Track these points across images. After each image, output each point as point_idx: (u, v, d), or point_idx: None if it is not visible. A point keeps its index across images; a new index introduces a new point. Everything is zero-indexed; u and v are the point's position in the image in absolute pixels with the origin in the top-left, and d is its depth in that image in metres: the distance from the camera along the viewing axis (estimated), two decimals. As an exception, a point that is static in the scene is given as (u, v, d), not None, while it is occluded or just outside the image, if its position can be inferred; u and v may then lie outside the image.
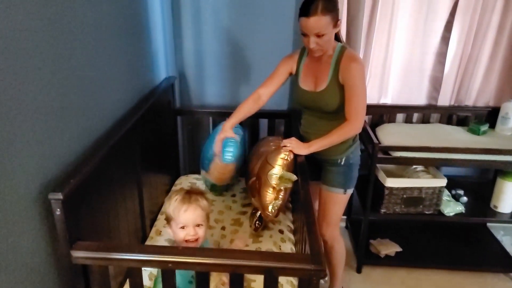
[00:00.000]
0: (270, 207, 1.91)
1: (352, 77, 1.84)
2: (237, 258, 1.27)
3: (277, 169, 1.89)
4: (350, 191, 2.10)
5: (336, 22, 1.80)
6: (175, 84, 2.59)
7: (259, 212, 2.08)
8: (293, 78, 2.07)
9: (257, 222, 2.12)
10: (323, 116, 2.00)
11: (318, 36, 1.77)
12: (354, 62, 1.84)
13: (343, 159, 2.03)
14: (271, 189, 1.90)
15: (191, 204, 1.56)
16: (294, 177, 1.86)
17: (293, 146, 1.94)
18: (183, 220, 1.54)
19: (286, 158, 1.90)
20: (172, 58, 2.55)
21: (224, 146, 1.93)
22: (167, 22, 2.45)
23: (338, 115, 1.93)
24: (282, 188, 1.90)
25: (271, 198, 1.91)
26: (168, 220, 1.60)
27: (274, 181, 1.88)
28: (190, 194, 1.60)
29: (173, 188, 2.57)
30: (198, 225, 1.56)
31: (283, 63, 2.08)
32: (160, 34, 2.44)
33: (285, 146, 1.94)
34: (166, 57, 2.53)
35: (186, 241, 1.54)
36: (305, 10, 1.75)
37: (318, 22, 1.73)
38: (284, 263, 1.25)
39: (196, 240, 1.55)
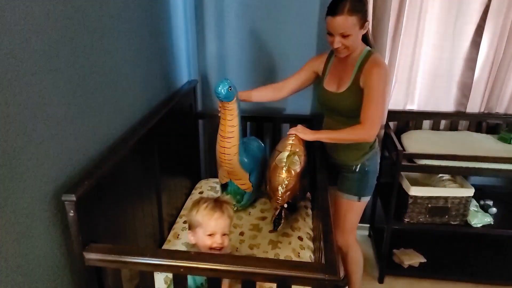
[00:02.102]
0: (279, 188, 1.90)
1: (372, 81, 1.78)
2: (250, 266, 1.25)
3: (285, 154, 1.91)
4: (365, 199, 2.06)
5: (363, 23, 1.77)
6: (197, 87, 2.59)
7: (278, 211, 2.06)
8: (319, 79, 2.06)
9: (276, 218, 2.09)
10: (343, 121, 1.95)
11: (343, 36, 1.75)
12: (377, 67, 1.79)
13: (358, 166, 2.00)
14: (282, 171, 1.91)
15: (223, 212, 1.55)
16: (299, 148, 1.90)
17: (299, 131, 1.94)
18: (214, 227, 1.52)
19: (293, 143, 1.93)
20: (194, 61, 2.55)
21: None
22: (190, 25, 2.46)
23: (357, 120, 1.87)
24: (292, 171, 1.90)
25: (281, 180, 1.91)
26: (193, 226, 1.57)
27: (283, 163, 1.90)
28: (221, 202, 1.59)
29: (193, 191, 2.56)
30: (224, 234, 1.55)
31: (309, 61, 2.11)
32: (182, 38, 2.45)
33: (291, 133, 1.96)
34: (189, 61, 2.54)
35: (211, 248, 1.52)
36: (332, 9, 1.72)
37: (344, 22, 1.70)
38: (297, 271, 1.22)
39: (221, 249, 1.53)
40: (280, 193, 1.91)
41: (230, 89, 1.88)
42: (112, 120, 1.60)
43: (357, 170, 2.00)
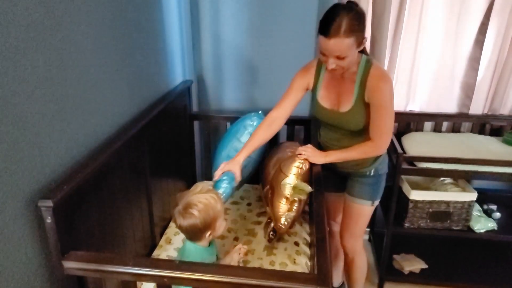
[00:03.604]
0: (282, 219, 1.82)
1: (379, 97, 1.67)
2: (237, 276, 1.18)
3: (291, 178, 1.79)
4: (377, 203, 2.00)
5: (361, 41, 1.59)
6: (191, 88, 2.52)
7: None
8: (311, 91, 1.91)
9: (271, 233, 2.02)
10: (346, 133, 1.85)
11: (339, 58, 1.58)
12: (382, 81, 1.66)
13: (372, 171, 1.92)
14: (284, 199, 1.81)
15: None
16: (309, 188, 1.76)
17: (309, 155, 1.84)
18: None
19: (301, 166, 1.81)
20: (189, 61, 2.49)
21: (220, 181, 1.84)
22: (185, 24, 2.39)
23: (363, 131, 1.79)
24: (296, 199, 1.80)
25: (284, 210, 1.81)
26: (211, 225, 1.50)
27: (287, 191, 1.79)
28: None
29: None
30: None
31: (298, 79, 1.87)
32: (177, 37, 2.38)
33: (300, 154, 1.84)
34: (183, 60, 2.47)
35: None
36: (325, 28, 1.52)
37: (339, 44, 1.52)
38: (288, 283, 1.16)
39: None
40: (282, 223, 1.82)
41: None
42: (97, 121, 1.53)
43: (371, 174, 1.92)
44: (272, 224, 2.00)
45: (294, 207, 1.82)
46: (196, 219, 1.45)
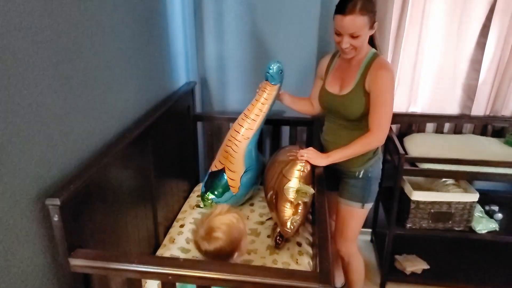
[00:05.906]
0: (288, 223, 1.83)
1: (379, 85, 1.73)
2: (240, 274, 1.20)
3: (293, 182, 1.81)
4: (368, 206, 2.01)
5: (373, 23, 1.72)
6: (195, 89, 2.55)
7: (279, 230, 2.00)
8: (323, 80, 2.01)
9: (278, 238, 2.02)
10: (345, 125, 1.90)
11: (353, 37, 1.70)
12: (383, 70, 1.74)
13: (362, 172, 1.94)
14: (289, 203, 1.82)
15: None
16: (311, 191, 1.77)
17: (310, 157, 1.86)
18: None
19: (302, 170, 1.82)
20: (193, 62, 2.51)
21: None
22: (189, 25, 2.41)
23: (360, 124, 1.84)
24: (300, 202, 1.82)
25: (289, 214, 1.83)
26: (237, 245, 1.48)
27: (291, 195, 1.80)
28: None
29: (191, 194, 2.52)
30: None
31: (317, 68, 2.09)
32: (180, 38, 2.41)
33: (301, 156, 1.87)
34: (187, 62, 2.50)
35: None
36: (342, 8, 1.67)
37: (354, 21, 1.65)
38: (290, 280, 1.18)
39: None
40: (288, 227, 1.84)
41: (281, 73, 1.98)
42: (103, 122, 1.55)
43: (360, 176, 1.95)
44: (279, 229, 2.01)
45: (299, 211, 1.84)
46: (222, 242, 1.41)
